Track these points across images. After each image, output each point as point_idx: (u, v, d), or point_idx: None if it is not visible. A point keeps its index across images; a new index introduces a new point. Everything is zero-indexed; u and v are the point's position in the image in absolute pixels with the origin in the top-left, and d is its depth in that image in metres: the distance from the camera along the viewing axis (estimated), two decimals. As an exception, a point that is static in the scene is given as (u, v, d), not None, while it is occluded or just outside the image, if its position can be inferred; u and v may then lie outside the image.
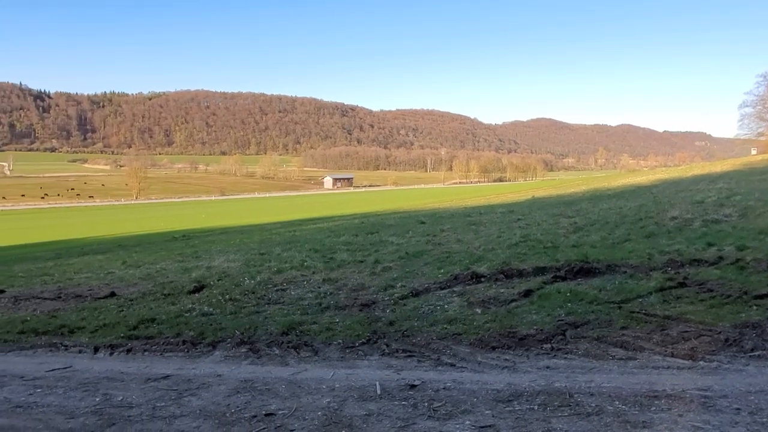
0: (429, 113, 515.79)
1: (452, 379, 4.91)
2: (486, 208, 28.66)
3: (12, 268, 18.50)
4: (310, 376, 5.24)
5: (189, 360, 6.07)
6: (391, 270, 10.06)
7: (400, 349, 5.83)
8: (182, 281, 10.87)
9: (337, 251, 13.23)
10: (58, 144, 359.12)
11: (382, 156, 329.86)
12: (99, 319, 8.16)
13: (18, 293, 11.54)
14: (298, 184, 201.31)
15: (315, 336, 6.43)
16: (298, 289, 9.15)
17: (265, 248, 15.73)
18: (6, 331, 8.04)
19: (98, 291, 10.85)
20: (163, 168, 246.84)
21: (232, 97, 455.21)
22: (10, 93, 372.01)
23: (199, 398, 4.88)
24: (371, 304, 7.69)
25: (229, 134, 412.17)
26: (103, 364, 6.17)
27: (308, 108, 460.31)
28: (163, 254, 17.68)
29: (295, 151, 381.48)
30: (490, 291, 7.78)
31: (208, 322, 7.37)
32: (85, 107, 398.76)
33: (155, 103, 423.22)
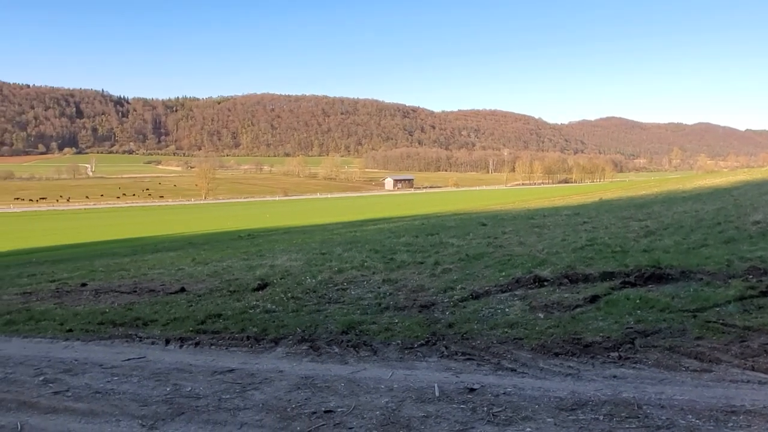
0: (491, 113, 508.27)
1: (513, 385, 4.80)
2: (550, 210, 27.89)
3: (93, 262, 19.76)
4: (369, 376, 5.27)
5: (252, 355, 6.26)
6: (451, 272, 9.96)
7: (459, 351, 5.76)
8: (247, 279, 11.21)
9: (397, 252, 13.25)
10: (135, 147, 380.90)
11: (443, 157, 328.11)
12: (170, 313, 8.57)
13: (98, 286, 12.31)
14: (360, 185, 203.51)
15: (374, 336, 6.47)
16: (358, 289, 9.23)
17: (326, 248, 15.97)
18: (88, 321, 8.60)
19: (170, 286, 11.38)
20: (230, 169, 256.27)
21: (296, 100, 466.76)
22: (93, 99, 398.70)
23: (262, 392, 5.02)
24: (430, 306, 7.65)
25: (292, 136, 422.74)
26: (174, 355, 6.46)
27: (370, 110, 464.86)
28: (230, 252, 18.31)
29: (356, 152, 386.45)
30: (553, 295, 7.55)
31: (270, 319, 7.57)
32: (160, 112, 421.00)
33: (224, 106, 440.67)
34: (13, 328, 8.72)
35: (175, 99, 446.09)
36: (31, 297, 11.89)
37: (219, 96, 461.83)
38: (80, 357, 6.65)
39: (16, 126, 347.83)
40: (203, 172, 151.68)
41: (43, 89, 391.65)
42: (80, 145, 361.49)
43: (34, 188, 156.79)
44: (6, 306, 10.97)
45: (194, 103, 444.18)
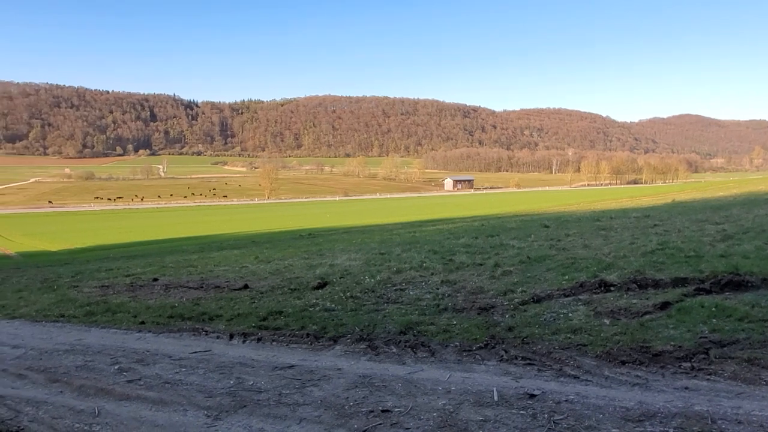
0: (555, 112, 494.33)
1: (575, 392, 4.64)
2: (618, 212, 26.77)
3: (164, 259, 20.77)
4: (426, 377, 5.25)
5: (312, 352, 6.38)
6: (511, 274, 9.76)
7: (519, 356, 5.63)
8: (307, 277, 11.43)
9: (456, 253, 13.11)
10: (204, 148, 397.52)
11: (504, 157, 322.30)
12: (234, 309, 8.87)
13: (168, 282, 12.93)
14: (419, 185, 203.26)
15: (432, 337, 6.43)
16: (416, 290, 9.21)
17: (385, 248, 16.04)
18: (158, 314, 9.05)
19: (234, 283, 11.78)
20: (292, 170, 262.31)
21: (357, 101, 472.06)
22: (166, 103, 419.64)
23: (321, 389, 5.11)
24: (490, 308, 7.52)
25: (353, 137, 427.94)
26: (237, 350, 6.68)
27: (430, 110, 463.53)
28: (291, 251, 18.74)
29: (416, 152, 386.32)
30: (620, 301, 7.23)
31: (330, 318, 7.68)
32: (227, 114, 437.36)
33: (287, 108, 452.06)
34: (92, 319, 9.30)
35: (240, 102, 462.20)
36: (108, 290, 12.64)
37: (282, 98, 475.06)
38: (151, 348, 7.00)
39: (96, 129, 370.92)
40: (266, 173, 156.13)
41: (121, 95, 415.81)
42: (153, 147, 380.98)
43: (111, 188, 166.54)
44: (86, 298, 11.72)
45: (259, 106, 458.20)
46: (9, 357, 7.15)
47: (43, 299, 12.13)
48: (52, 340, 8.01)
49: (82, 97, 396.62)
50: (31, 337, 8.38)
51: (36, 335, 8.49)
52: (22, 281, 16.84)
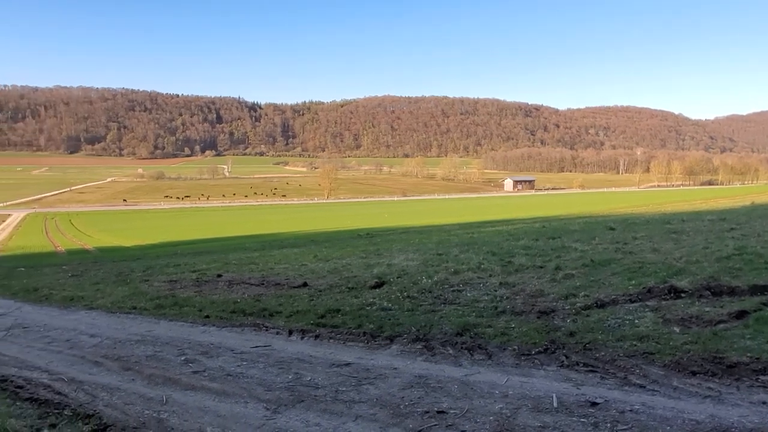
0: (623, 110, 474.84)
1: (641, 402, 4.44)
2: (690, 214, 25.41)
3: (228, 256, 21.53)
4: (483, 380, 5.17)
5: (368, 351, 6.42)
6: (574, 278, 9.45)
7: (580, 362, 5.44)
8: (365, 276, 11.52)
9: (516, 255, 12.85)
10: (266, 149, 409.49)
11: (567, 157, 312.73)
12: (293, 306, 9.07)
13: (231, 278, 13.38)
14: (478, 186, 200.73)
15: (489, 339, 6.33)
16: (474, 291, 9.10)
17: (442, 249, 15.94)
18: (222, 309, 9.39)
19: (293, 281, 12.04)
20: (351, 170, 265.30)
21: (416, 101, 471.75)
22: (231, 106, 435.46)
23: (376, 388, 5.14)
24: (550, 312, 7.31)
25: (412, 137, 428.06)
26: (296, 346, 6.83)
27: (490, 109, 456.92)
28: (349, 250, 18.95)
29: (475, 153, 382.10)
30: (691, 308, 6.84)
31: (386, 317, 7.71)
32: (288, 116, 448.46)
33: (346, 109, 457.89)
34: (162, 312, 9.77)
35: (302, 103, 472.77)
36: (176, 285, 13.24)
37: (342, 99, 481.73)
38: (215, 341, 7.28)
39: (167, 131, 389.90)
40: (326, 173, 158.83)
41: (190, 98, 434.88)
42: (219, 148, 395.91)
43: (180, 187, 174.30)
44: (156, 291, 12.33)
45: (319, 107, 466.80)
46: (87, 345, 7.63)
47: (118, 292, 12.85)
48: (125, 330, 8.48)
49: (155, 101, 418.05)
50: (107, 327, 8.90)
51: (111, 325, 9.01)
52: (99, 274, 17.92)
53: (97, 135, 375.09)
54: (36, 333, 8.78)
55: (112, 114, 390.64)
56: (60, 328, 9.12)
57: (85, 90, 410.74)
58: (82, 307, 11.22)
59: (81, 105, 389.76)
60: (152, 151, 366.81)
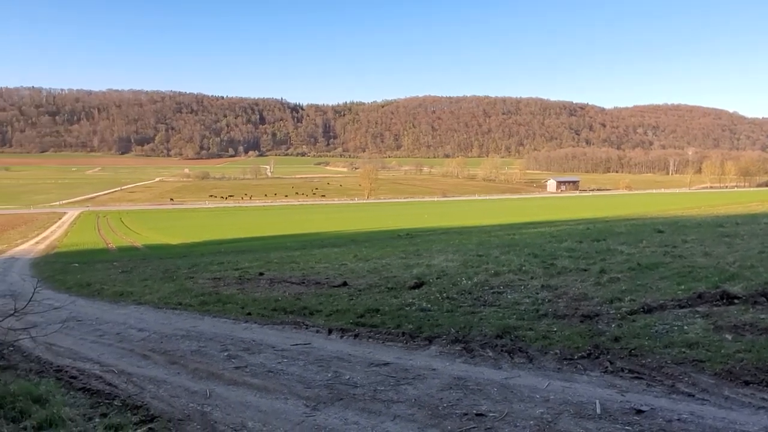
0: (674, 108, 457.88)
1: (689, 411, 4.27)
2: (745, 217, 24.29)
3: (269, 254, 21.92)
4: (523, 383, 5.09)
5: (407, 351, 6.42)
6: (619, 281, 9.18)
7: (625, 368, 5.28)
8: (404, 277, 11.52)
9: (558, 257, 12.59)
10: (307, 149, 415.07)
11: (613, 157, 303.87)
12: (333, 305, 9.16)
13: (273, 276, 13.63)
14: (520, 186, 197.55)
15: (530, 343, 6.22)
16: (514, 294, 8.97)
17: (483, 250, 15.78)
18: (263, 307, 9.58)
19: (333, 280, 12.17)
20: (392, 170, 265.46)
21: (457, 101, 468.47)
22: (274, 107, 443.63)
23: (415, 388, 5.13)
24: (594, 317, 7.13)
25: (452, 137, 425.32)
26: (335, 345, 6.89)
27: (533, 109, 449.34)
28: (389, 250, 18.99)
29: (517, 153, 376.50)
30: (745, 315, 6.54)
31: (425, 318, 7.69)
32: (330, 116, 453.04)
33: (387, 110, 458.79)
34: (206, 308, 10.05)
35: (343, 104, 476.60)
36: (220, 282, 13.58)
37: (383, 100, 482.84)
38: (257, 338, 7.43)
39: (212, 132, 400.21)
40: (366, 173, 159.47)
41: (234, 100, 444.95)
42: (262, 149, 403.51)
43: (224, 187, 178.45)
44: (201, 288, 12.68)
45: (360, 108, 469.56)
46: (135, 339, 7.92)
47: (164, 288, 13.29)
48: (171, 325, 8.75)
49: (201, 103, 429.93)
50: (154, 321, 9.22)
51: (158, 320, 9.33)
52: (147, 271, 18.56)
53: (147, 136, 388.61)
54: (89, 326, 9.17)
55: (160, 116, 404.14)
56: (111, 321, 9.50)
57: (135, 93, 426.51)
58: (131, 302, 11.66)
59: (132, 107, 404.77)
60: (198, 151, 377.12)
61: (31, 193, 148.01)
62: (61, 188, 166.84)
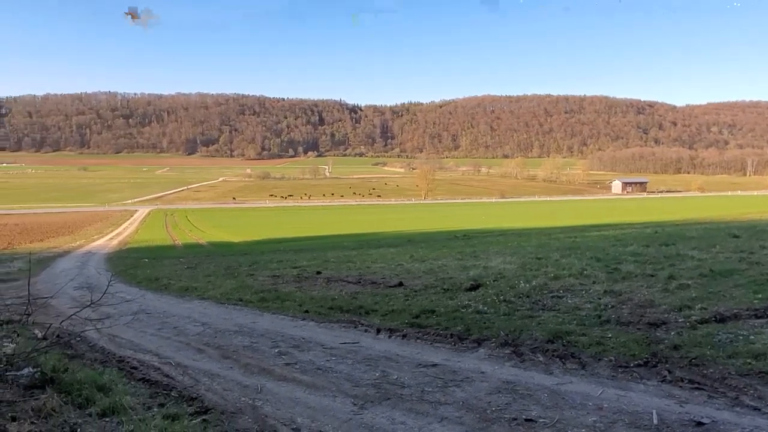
0: (752, 105, 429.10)
1: (755, 426, 4.02)
2: (829, 221, 22.53)
3: (327, 254, 22.28)
4: (575, 390, 4.95)
5: (455, 353, 6.37)
6: (689, 288, 8.72)
7: (685, 378, 5.02)
8: (460, 278, 11.43)
9: (623, 262, 12.11)
10: (365, 149, 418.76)
11: (685, 157, 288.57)
12: (389, 305, 9.21)
13: (330, 275, 13.86)
14: (582, 188, 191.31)
15: (583, 349, 6.02)
16: (575, 298, 8.71)
17: (542, 253, 15.42)
18: (320, 305, 9.77)
19: (389, 280, 12.23)
20: (449, 171, 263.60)
21: (517, 101, 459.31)
22: (332, 108, 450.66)
23: (463, 390, 5.09)
24: (660, 325, 6.79)
25: (512, 137, 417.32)
26: (383, 344, 6.94)
27: (598, 107, 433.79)
28: (445, 251, 18.89)
29: (580, 153, 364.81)
30: (824, 327, 6.08)
31: (481, 320, 7.60)
32: (388, 117, 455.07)
33: (445, 110, 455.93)
34: (265, 305, 10.36)
35: (401, 105, 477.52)
36: (279, 280, 13.95)
37: (441, 100, 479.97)
38: (307, 335, 7.59)
39: (273, 133, 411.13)
40: (423, 173, 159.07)
41: (294, 101, 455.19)
42: (321, 149, 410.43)
43: (284, 187, 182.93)
44: (260, 285, 13.08)
45: (418, 108, 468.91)
46: (192, 333, 8.28)
47: (226, 284, 13.79)
48: (232, 320, 9.09)
49: (263, 105, 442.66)
50: (216, 316, 9.59)
51: (220, 315, 9.70)
52: (210, 267, 19.31)
53: (212, 137, 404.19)
54: (156, 319, 9.66)
55: (224, 118, 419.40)
56: (176, 315, 9.97)
57: (202, 96, 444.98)
58: (195, 297, 12.18)
59: (198, 110, 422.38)
60: (259, 152, 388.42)
61: (107, 192, 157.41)
62: (133, 187, 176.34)
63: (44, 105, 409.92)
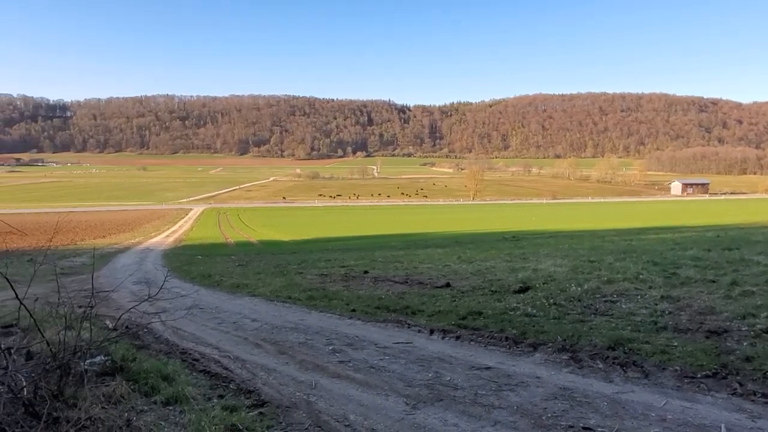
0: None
1: (839, 447, 3.74)
2: None
3: (374, 253, 22.37)
4: (637, 399, 4.75)
5: (510, 356, 6.25)
6: (754, 295, 8.26)
7: (758, 391, 4.73)
8: (509, 280, 11.24)
9: (682, 266, 11.60)
10: (413, 150, 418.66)
11: (751, 157, 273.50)
12: (435, 306, 9.15)
13: (377, 275, 13.90)
14: (639, 189, 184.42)
15: (646, 357, 5.77)
16: (629, 303, 8.40)
17: (595, 256, 14.97)
18: (367, 304, 9.80)
19: (436, 281, 12.15)
20: (498, 171, 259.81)
21: (570, 99, 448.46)
22: (381, 108, 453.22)
23: (517, 395, 4.98)
24: (722, 333, 6.47)
25: (564, 137, 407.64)
26: (436, 345, 6.88)
27: (656, 105, 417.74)
28: (493, 253, 18.62)
29: (637, 153, 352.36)
30: None
31: (530, 323, 7.43)
32: (436, 117, 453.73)
33: (495, 109, 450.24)
34: (313, 303, 10.48)
35: (450, 104, 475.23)
36: (326, 278, 14.10)
37: (491, 99, 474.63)
38: (360, 334, 7.62)
39: (322, 134, 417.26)
40: (472, 174, 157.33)
41: (344, 102, 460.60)
42: (369, 149, 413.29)
43: (332, 186, 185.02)
44: (309, 284, 13.25)
45: (467, 108, 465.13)
46: (249, 328, 8.45)
47: (276, 282, 14.04)
48: (282, 317, 9.23)
49: (312, 106, 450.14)
50: (266, 313, 9.78)
51: (269, 312, 9.88)
52: (260, 265, 19.74)
53: (263, 138, 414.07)
54: (209, 314, 9.93)
55: (275, 119, 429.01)
56: (228, 311, 10.22)
57: (254, 98, 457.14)
58: (246, 294, 12.46)
59: (250, 111, 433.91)
60: (309, 152, 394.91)
61: (164, 191, 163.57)
62: (188, 186, 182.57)
63: (108, 108, 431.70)
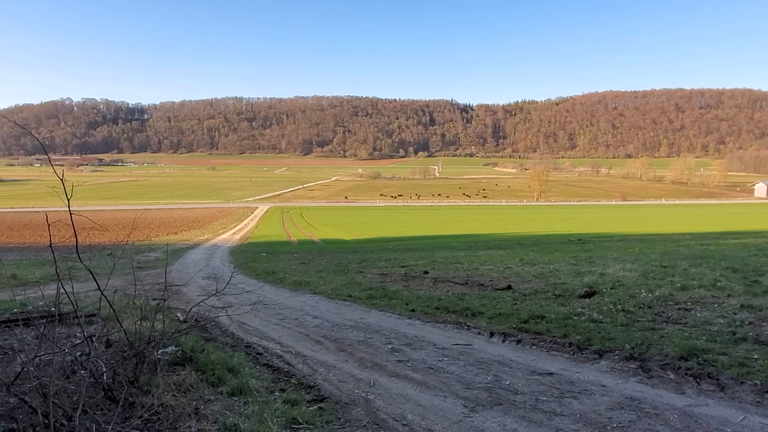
0: None
1: None
2: None
3: (434, 254, 22.28)
4: (711, 413, 4.48)
5: (573, 363, 6.05)
6: None
7: None
8: (573, 284, 10.90)
9: (765, 274, 10.84)
10: (476, 150, 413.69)
11: None
12: (496, 308, 9.00)
13: (437, 276, 13.84)
14: (718, 191, 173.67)
15: (722, 369, 5.43)
16: (705, 312, 7.93)
17: (668, 261, 14.24)
18: (427, 305, 9.78)
19: (497, 282, 11.96)
20: (564, 171, 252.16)
21: (643, 96, 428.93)
22: (443, 108, 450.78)
23: (581, 403, 4.82)
24: (809, 346, 6.00)
25: (636, 135, 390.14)
26: (496, 348, 6.77)
27: (739, 101, 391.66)
28: (557, 255, 18.10)
29: (717, 152, 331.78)
30: None
31: (596, 329, 7.17)
32: (500, 116, 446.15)
33: (562, 108, 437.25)
34: (373, 302, 10.56)
35: (514, 103, 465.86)
36: (386, 278, 14.17)
37: (558, 97, 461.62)
38: (419, 334, 7.61)
39: (384, 134, 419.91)
40: (536, 174, 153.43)
41: (406, 102, 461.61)
42: (431, 149, 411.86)
43: (394, 186, 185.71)
44: (369, 282, 13.37)
45: (532, 106, 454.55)
46: (310, 325, 8.64)
47: (337, 280, 14.27)
48: (342, 315, 9.37)
49: (375, 106, 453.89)
50: (327, 311, 9.95)
51: (330, 310, 10.05)
52: (322, 264, 20.11)
53: (326, 138, 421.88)
54: (272, 310, 10.22)
55: (338, 119, 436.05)
56: (290, 307, 10.48)
57: (318, 99, 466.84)
58: (307, 291, 12.73)
59: (314, 112, 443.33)
60: (371, 152, 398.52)
61: (231, 190, 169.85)
62: (254, 186, 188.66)
63: (181, 110, 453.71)
